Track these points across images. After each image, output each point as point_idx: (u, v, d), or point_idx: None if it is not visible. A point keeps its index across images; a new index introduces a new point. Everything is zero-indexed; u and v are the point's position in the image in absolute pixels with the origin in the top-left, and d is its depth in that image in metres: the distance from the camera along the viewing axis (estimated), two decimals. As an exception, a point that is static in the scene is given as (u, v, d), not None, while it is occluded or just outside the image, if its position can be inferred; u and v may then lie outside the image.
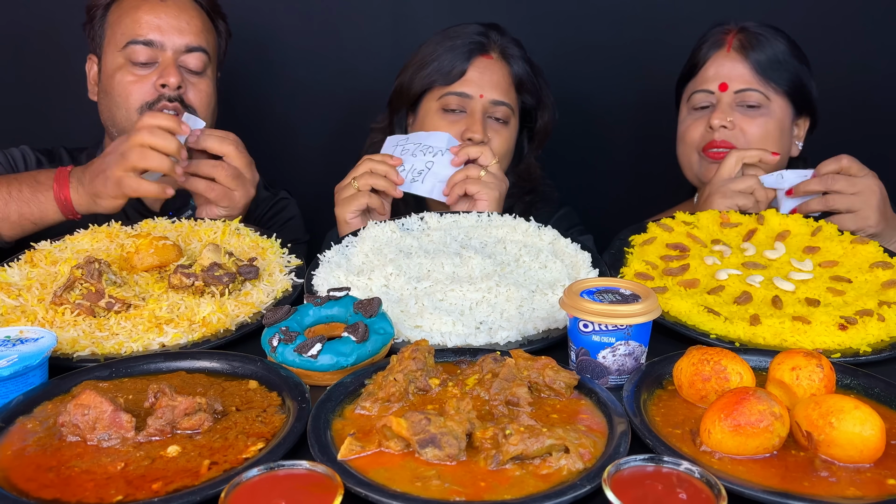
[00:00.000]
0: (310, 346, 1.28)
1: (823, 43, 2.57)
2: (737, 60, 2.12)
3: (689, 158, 2.20)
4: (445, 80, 2.14)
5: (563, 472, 1.03)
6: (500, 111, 2.17)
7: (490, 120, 2.16)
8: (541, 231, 1.80)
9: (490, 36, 2.19)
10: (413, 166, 1.98)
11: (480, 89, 2.14)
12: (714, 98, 2.14)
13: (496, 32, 2.21)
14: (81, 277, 1.54)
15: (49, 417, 1.17)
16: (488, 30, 2.21)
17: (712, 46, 2.17)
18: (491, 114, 2.16)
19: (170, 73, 2.12)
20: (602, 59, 2.82)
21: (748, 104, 2.11)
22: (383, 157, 1.97)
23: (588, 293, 1.30)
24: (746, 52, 2.12)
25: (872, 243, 1.74)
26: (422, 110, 2.21)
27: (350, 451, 1.06)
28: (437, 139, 2.02)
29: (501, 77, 2.17)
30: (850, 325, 1.45)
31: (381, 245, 1.73)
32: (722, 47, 2.15)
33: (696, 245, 1.78)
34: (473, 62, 2.15)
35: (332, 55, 2.83)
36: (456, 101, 2.15)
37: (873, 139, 2.76)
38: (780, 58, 2.13)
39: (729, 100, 2.12)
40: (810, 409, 1.09)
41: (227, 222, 1.92)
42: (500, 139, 2.17)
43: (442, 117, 2.15)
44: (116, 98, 2.14)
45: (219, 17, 2.30)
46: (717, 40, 2.16)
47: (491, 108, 2.15)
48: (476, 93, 2.14)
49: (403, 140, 2.05)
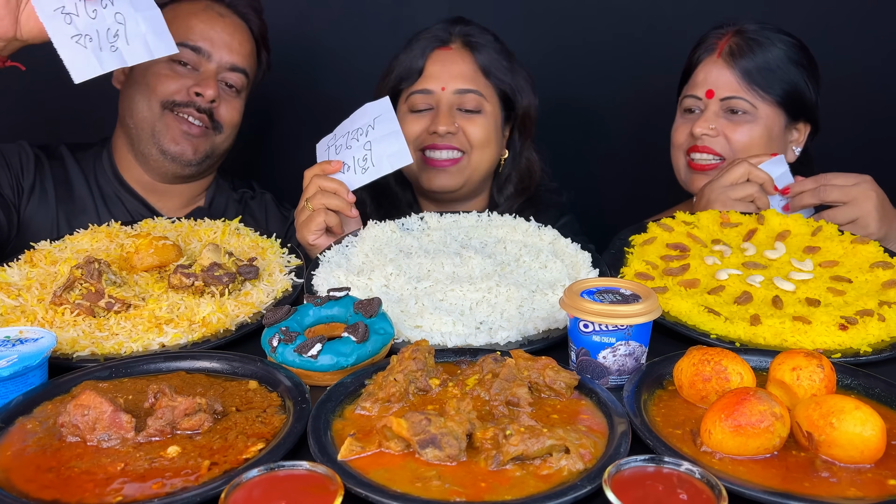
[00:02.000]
0: (310, 347, 1.28)
1: (823, 42, 2.56)
2: (724, 67, 2.11)
3: (678, 161, 2.21)
4: (408, 81, 2.13)
5: (563, 473, 1.03)
6: (468, 100, 2.12)
7: (460, 112, 2.13)
8: (541, 231, 1.80)
9: (450, 29, 2.16)
10: (354, 158, 1.89)
11: (441, 82, 2.11)
12: (702, 104, 2.14)
13: (459, 24, 2.18)
14: (81, 277, 1.54)
15: (49, 418, 1.17)
16: (450, 24, 2.18)
17: (705, 50, 2.17)
18: (460, 105, 2.12)
19: (209, 84, 2.12)
20: (601, 60, 2.82)
21: (733, 110, 2.11)
22: (322, 166, 1.89)
23: (588, 293, 1.30)
24: (735, 59, 2.10)
25: (873, 243, 1.74)
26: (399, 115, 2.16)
27: (350, 451, 1.06)
28: (360, 117, 1.92)
29: (464, 66, 2.14)
30: (851, 326, 1.45)
31: (381, 245, 1.73)
32: (713, 52, 2.14)
33: (697, 245, 1.78)
34: (430, 57, 2.13)
35: (332, 55, 2.83)
36: (421, 100, 2.12)
37: (875, 140, 2.76)
38: (772, 65, 2.10)
39: (715, 107, 2.12)
40: (811, 410, 1.09)
41: (227, 222, 1.92)
42: (475, 127, 2.13)
43: (411, 118, 2.13)
44: (145, 86, 2.13)
45: (264, 49, 2.32)
46: (710, 45, 2.16)
47: (458, 100, 2.12)
48: (437, 86, 2.11)
49: (331, 140, 1.97)
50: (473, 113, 2.14)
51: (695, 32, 2.25)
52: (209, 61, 2.14)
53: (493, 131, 2.17)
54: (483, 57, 2.15)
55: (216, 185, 2.38)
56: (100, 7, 1.66)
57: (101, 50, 1.67)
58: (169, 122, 2.14)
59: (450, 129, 2.09)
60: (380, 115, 1.90)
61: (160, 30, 1.75)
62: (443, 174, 2.14)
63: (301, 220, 1.86)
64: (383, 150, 1.87)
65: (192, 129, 2.15)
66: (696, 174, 2.15)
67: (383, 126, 1.89)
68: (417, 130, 2.13)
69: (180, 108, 2.13)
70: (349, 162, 1.89)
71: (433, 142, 2.11)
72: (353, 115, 1.94)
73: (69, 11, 1.63)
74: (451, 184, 2.16)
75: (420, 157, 2.15)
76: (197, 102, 2.13)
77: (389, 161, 1.87)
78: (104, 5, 1.66)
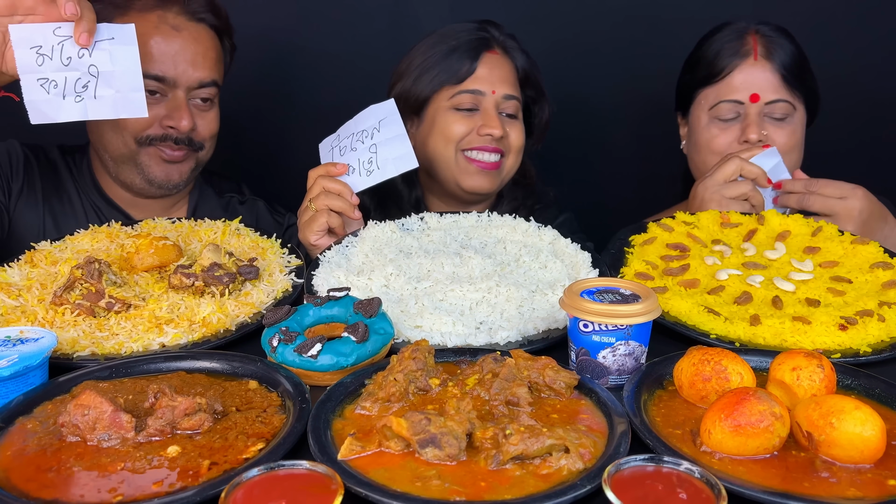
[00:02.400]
0: (310, 347, 1.28)
1: (823, 39, 2.57)
2: (766, 69, 2.07)
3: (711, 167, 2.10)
4: (456, 79, 2.12)
5: (563, 472, 1.03)
6: (510, 106, 2.15)
7: (502, 116, 2.15)
8: (541, 231, 1.80)
9: (490, 31, 2.18)
10: (360, 160, 1.89)
11: (492, 85, 2.12)
12: (742, 109, 2.09)
13: (494, 28, 2.20)
14: (81, 277, 1.54)
15: (49, 418, 1.17)
16: (486, 25, 2.19)
17: (735, 53, 2.10)
18: (502, 109, 2.15)
19: (182, 115, 2.01)
20: (601, 59, 2.83)
21: (775, 116, 2.08)
22: (327, 168, 1.88)
23: (588, 293, 1.30)
24: (772, 61, 2.08)
25: (873, 244, 1.74)
26: (429, 113, 2.17)
27: (350, 451, 1.06)
28: (364, 119, 1.91)
29: (508, 72, 2.16)
30: (851, 326, 1.45)
31: (381, 245, 1.73)
32: (747, 55, 2.09)
33: (697, 245, 1.78)
34: (482, 58, 2.13)
35: (332, 55, 2.83)
36: (469, 99, 2.12)
37: (874, 139, 2.77)
38: (798, 63, 2.10)
39: (758, 110, 2.08)
40: (811, 410, 1.09)
41: (227, 222, 1.92)
42: (515, 132, 2.16)
43: (456, 117, 2.12)
44: (112, 123, 2.01)
45: (227, 36, 2.18)
46: (740, 46, 2.10)
47: (502, 104, 2.14)
48: (488, 89, 2.12)
49: (335, 140, 1.96)
50: (513, 119, 2.17)
51: (695, 32, 2.25)
52: (175, 87, 2.01)
53: (524, 138, 2.21)
54: (521, 64, 2.19)
55: (199, 192, 2.30)
56: (75, 56, 1.61)
57: (64, 98, 1.64)
58: (150, 153, 2.06)
59: (502, 133, 2.11)
60: (385, 117, 1.89)
61: (134, 88, 1.68)
62: (484, 176, 2.15)
63: (304, 219, 1.86)
64: (389, 153, 1.87)
65: (173, 156, 2.07)
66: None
67: (388, 129, 1.89)
68: (464, 130, 2.12)
69: (157, 141, 2.04)
70: (354, 164, 1.89)
71: (482, 144, 2.12)
72: (358, 116, 1.93)
73: (44, 53, 1.60)
74: (490, 186, 2.18)
75: (462, 157, 2.14)
76: (172, 135, 2.03)
77: (395, 165, 1.87)
78: (80, 54, 1.62)
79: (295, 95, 2.87)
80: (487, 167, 2.14)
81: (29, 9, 1.61)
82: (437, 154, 2.16)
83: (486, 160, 2.13)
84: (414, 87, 2.16)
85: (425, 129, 2.19)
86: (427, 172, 2.24)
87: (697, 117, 2.19)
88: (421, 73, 2.16)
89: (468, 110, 2.13)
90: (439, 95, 2.15)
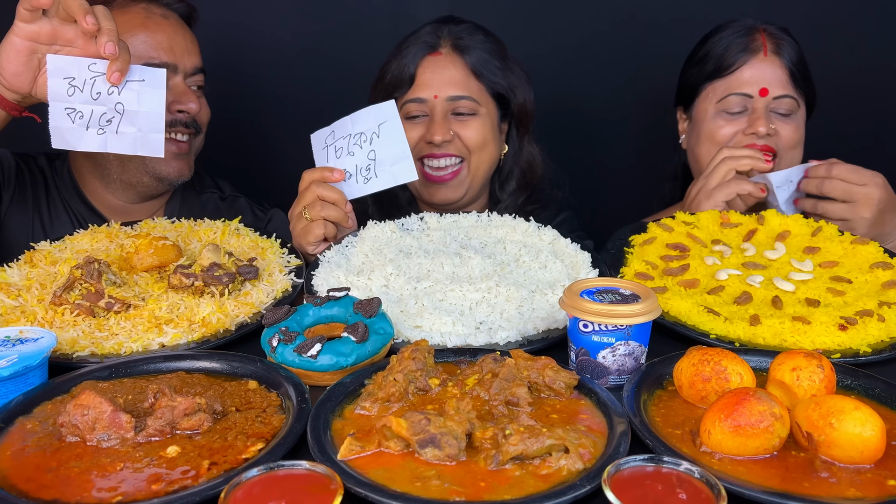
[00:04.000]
0: (309, 347, 1.28)
1: (822, 41, 2.57)
2: (775, 65, 2.11)
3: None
4: (400, 89, 2.10)
5: (562, 473, 1.03)
6: (462, 106, 2.10)
7: (454, 116, 2.11)
8: (541, 231, 1.80)
9: (440, 32, 2.13)
10: (357, 166, 1.84)
11: (433, 90, 2.08)
12: (750, 102, 2.11)
13: (449, 25, 2.14)
14: (81, 277, 1.54)
15: (49, 418, 1.17)
16: (440, 25, 2.15)
17: (745, 48, 2.13)
18: (454, 110, 2.11)
19: (189, 97, 2.06)
20: (601, 58, 2.82)
21: (781, 111, 2.11)
22: (323, 173, 1.82)
23: (588, 293, 1.30)
24: (781, 56, 2.11)
25: (873, 244, 1.74)
26: None
27: (350, 451, 1.06)
28: (363, 120, 1.85)
29: (455, 71, 2.11)
30: (850, 326, 1.45)
31: (380, 245, 1.73)
32: (758, 51, 2.12)
33: (696, 245, 1.78)
34: (421, 64, 2.10)
35: (332, 55, 2.83)
36: (416, 108, 2.10)
37: (876, 135, 2.77)
38: (802, 61, 2.13)
39: (766, 104, 2.09)
40: (810, 410, 1.09)
41: (227, 222, 1.92)
42: (470, 131, 2.11)
43: (407, 126, 2.04)
44: None
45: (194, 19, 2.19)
46: (750, 42, 2.13)
47: (451, 106, 2.10)
48: (429, 94, 2.09)
49: (330, 137, 1.89)
50: (468, 116, 2.12)
51: (695, 33, 2.25)
52: (176, 73, 2.04)
53: (489, 132, 2.15)
54: (474, 59, 2.12)
55: (179, 196, 2.28)
56: (105, 92, 1.67)
57: (87, 129, 1.69)
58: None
59: (445, 137, 2.07)
60: (385, 121, 1.84)
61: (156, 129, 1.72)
62: (444, 188, 2.14)
63: (298, 228, 1.81)
64: (388, 162, 1.83)
65: (181, 147, 2.09)
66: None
67: (389, 135, 1.83)
68: (414, 138, 2.10)
69: (168, 128, 2.04)
70: (351, 169, 1.85)
71: (430, 151, 2.10)
72: (356, 115, 1.87)
73: (76, 84, 1.66)
74: (454, 196, 2.16)
75: (420, 170, 2.11)
76: (182, 119, 2.06)
77: (393, 176, 1.84)
78: (109, 91, 1.67)
79: (294, 95, 2.87)
80: (444, 178, 2.12)
81: (68, 41, 1.65)
82: None
83: (440, 166, 2.11)
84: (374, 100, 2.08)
85: None
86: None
87: (703, 110, 2.20)
88: (377, 84, 2.16)
89: (419, 117, 2.11)
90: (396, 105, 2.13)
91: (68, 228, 2.08)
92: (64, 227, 2.12)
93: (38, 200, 2.16)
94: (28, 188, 2.16)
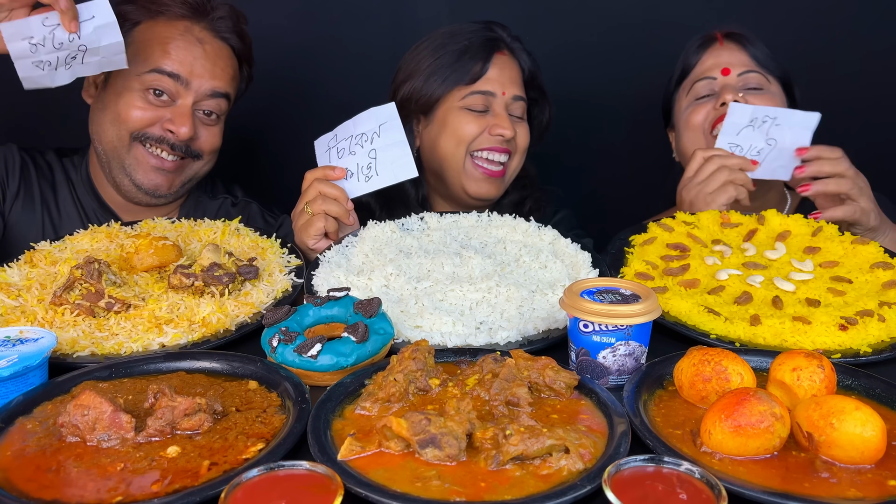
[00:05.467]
0: (310, 347, 1.28)
1: (821, 42, 2.57)
2: (734, 49, 2.18)
3: (698, 144, 2.15)
4: (468, 79, 2.11)
5: (563, 473, 1.03)
6: (518, 107, 2.16)
7: (511, 117, 2.15)
8: (541, 231, 1.80)
9: (498, 32, 2.18)
10: (358, 165, 1.87)
11: (502, 86, 2.12)
12: (717, 85, 2.16)
13: (501, 28, 2.20)
14: (81, 278, 1.54)
15: (49, 418, 1.17)
16: (493, 26, 2.19)
17: (702, 46, 2.21)
18: (511, 111, 2.15)
19: (184, 121, 2.02)
20: (600, 60, 2.82)
21: (750, 87, 2.13)
22: (325, 171, 1.86)
23: (588, 293, 1.30)
24: (738, 42, 2.18)
25: (873, 244, 1.74)
26: (439, 114, 2.15)
27: (350, 451, 1.06)
28: (364, 122, 1.88)
29: (516, 73, 2.17)
30: (851, 326, 1.45)
31: (381, 245, 1.73)
32: (714, 42, 2.20)
33: (697, 245, 1.78)
34: (493, 59, 2.13)
35: (332, 55, 2.83)
36: (480, 100, 2.12)
37: (873, 138, 2.76)
38: (767, 52, 2.18)
39: (733, 82, 2.13)
40: (811, 410, 1.08)
41: (227, 222, 1.92)
42: (524, 134, 2.18)
43: (468, 117, 2.11)
44: (115, 113, 2.03)
45: (247, 63, 2.21)
46: (705, 41, 2.21)
47: (511, 105, 2.15)
48: (499, 90, 2.12)
49: (332, 140, 1.93)
50: (521, 119, 2.18)
51: (698, 31, 2.26)
52: (187, 90, 2.02)
53: (529, 139, 2.22)
54: (527, 66, 2.20)
55: (194, 200, 2.29)
56: (66, 40, 1.74)
57: (56, 70, 1.77)
58: (138, 155, 2.05)
59: (513, 133, 2.11)
60: (385, 121, 1.87)
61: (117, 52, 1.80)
62: (489, 183, 2.16)
63: (300, 223, 1.84)
64: (388, 160, 1.86)
65: (164, 163, 2.07)
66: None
67: (389, 134, 1.87)
68: (476, 131, 2.11)
69: (152, 142, 2.03)
70: (352, 168, 1.88)
71: (492, 145, 2.11)
72: (357, 117, 1.90)
73: (36, 42, 1.73)
74: (495, 192, 2.18)
75: (470, 161, 2.14)
76: (170, 140, 2.03)
77: (394, 173, 1.86)
78: (70, 39, 1.74)
79: (293, 96, 2.87)
80: (493, 174, 2.14)
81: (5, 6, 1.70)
82: (447, 155, 2.15)
83: (494, 162, 2.13)
84: (425, 88, 2.14)
85: (435, 130, 2.17)
86: (435, 173, 2.23)
87: (679, 109, 2.26)
88: (431, 73, 2.14)
89: (479, 111, 2.13)
90: (450, 96, 2.13)
91: (78, 225, 2.09)
92: (73, 224, 2.12)
93: (45, 196, 2.16)
94: (34, 184, 2.15)
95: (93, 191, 2.20)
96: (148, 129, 2.03)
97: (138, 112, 2.02)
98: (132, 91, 2.02)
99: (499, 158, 2.14)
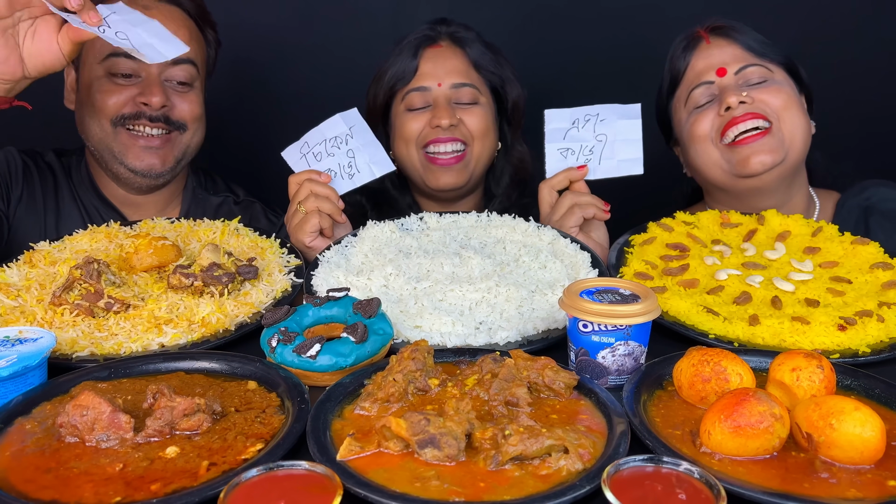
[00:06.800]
0: (309, 347, 1.28)
1: (824, 37, 2.57)
2: (724, 45, 1.99)
3: (709, 155, 1.99)
4: (403, 80, 2.14)
5: (562, 473, 1.03)
6: (464, 94, 2.15)
7: (458, 105, 2.14)
8: (540, 231, 1.80)
9: (437, 28, 2.20)
10: (339, 164, 1.92)
11: (436, 78, 2.13)
12: (715, 88, 1.97)
13: (443, 24, 2.21)
14: (80, 278, 1.54)
15: (48, 418, 1.17)
16: (435, 24, 2.21)
17: (687, 48, 2.04)
18: (457, 99, 2.15)
19: (153, 90, 2.02)
20: (600, 60, 2.82)
21: (753, 82, 1.95)
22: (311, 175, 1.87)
23: (588, 293, 1.30)
24: (727, 36, 2.00)
25: (873, 244, 1.74)
26: (392, 120, 2.21)
27: (349, 451, 1.06)
28: (333, 126, 1.92)
29: (457, 61, 2.16)
30: (850, 326, 1.45)
31: (380, 245, 1.73)
32: (700, 41, 2.02)
33: (696, 245, 1.78)
34: (422, 55, 2.15)
35: (332, 55, 2.83)
36: (419, 98, 2.14)
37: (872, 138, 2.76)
38: (762, 38, 2.01)
39: (731, 82, 1.95)
40: (810, 411, 1.08)
41: (226, 222, 1.92)
42: (473, 118, 2.15)
43: (410, 117, 2.14)
44: (91, 107, 2.05)
45: (208, 26, 2.19)
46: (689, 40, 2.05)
47: (454, 94, 2.14)
48: (433, 83, 2.13)
49: (304, 147, 1.94)
50: (471, 105, 2.16)
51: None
52: (149, 66, 2.00)
53: (490, 122, 2.20)
54: (472, 52, 2.18)
55: (193, 193, 2.29)
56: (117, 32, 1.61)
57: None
58: (124, 140, 2.06)
59: (451, 121, 2.10)
60: (354, 124, 1.93)
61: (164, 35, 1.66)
62: (448, 172, 2.15)
63: (294, 223, 1.84)
64: (366, 158, 1.92)
65: (151, 141, 2.07)
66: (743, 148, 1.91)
67: (360, 136, 1.93)
68: (418, 128, 2.13)
69: (131, 121, 2.03)
70: (335, 168, 1.93)
71: (436, 136, 2.11)
72: (324, 124, 1.94)
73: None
74: (457, 181, 2.16)
75: (423, 157, 2.15)
76: (146, 112, 2.03)
77: (371, 169, 1.92)
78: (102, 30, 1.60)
79: (293, 95, 2.87)
80: (448, 162, 2.13)
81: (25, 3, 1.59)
82: (403, 157, 2.18)
83: (445, 151, 2.12)
84: (374, 97, 2.21)
85: (392, 136, 2.22)
86: (408, 177, 2.25)
87: (679, 121, 2.08)
88: (377, 82, 2.20)
89: (420, 108, 2.14)
90: (396, 100, 2.18)
91: (79, 224, 2.09)
92: (75, 224, 2.12)
93: (48, 197, 2.17)
94: (36, 186, 2.16)
95: (94, 188, 2.20)
96: (122, 109, 2.03)
97: (111, 98, 2.03)
98: (99, 80, 2.04)
99: (447, 148, 2.13)
